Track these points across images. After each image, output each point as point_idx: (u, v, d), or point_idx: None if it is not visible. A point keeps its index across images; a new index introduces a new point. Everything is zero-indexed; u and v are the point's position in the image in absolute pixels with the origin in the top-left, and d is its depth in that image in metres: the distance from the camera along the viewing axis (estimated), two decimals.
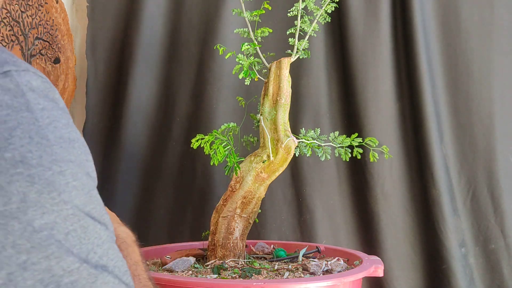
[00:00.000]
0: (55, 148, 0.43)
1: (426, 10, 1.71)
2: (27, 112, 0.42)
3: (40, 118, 0.43)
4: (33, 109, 0.43)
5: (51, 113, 0.44)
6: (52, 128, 0.43)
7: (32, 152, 0.41)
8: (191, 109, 1.76)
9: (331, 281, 1.11)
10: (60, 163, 0.43)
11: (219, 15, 1.73)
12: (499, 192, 1.69)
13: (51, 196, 0.42)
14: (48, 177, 0.42)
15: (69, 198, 0.43)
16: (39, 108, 0.43)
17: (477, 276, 1.69)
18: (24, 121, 0.42)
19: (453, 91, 1.72)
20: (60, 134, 0.44)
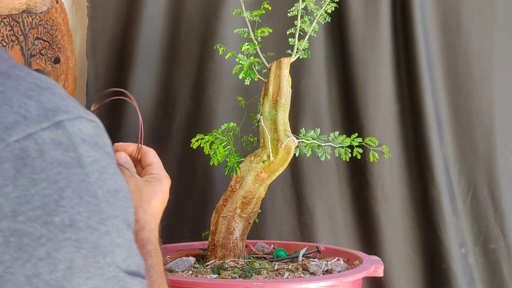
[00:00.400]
0: (102, 205, 0.41)
1: (426, 10, 1.71)
2: (78, 168, 0.40)
3: (90, 173, 0.41)
4: (84, 164, 0.40)
5: (100, 165, 0.42)
6: (101, 182, 0.42)
7: (81, 214, 0.39)
8: (191, 109, 1.76)
9: (331, 281, 1.11)
10: (106, 221, 0.41)
11: (219, 15, 1.73)
12: (499, 192, 1.69)
13: (96, 260, 0.40)
14: (95, 240, 0.40)
15: (112, 260, 0.42)
16: (90, 161, 0.41)
17: (477, 276, 1.69)
18: (74, 178, 0.40)
19: (453, 91, 1.72)
20: (108, 187, 0.42)
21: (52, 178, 0.38)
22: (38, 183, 0.38)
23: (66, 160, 0.39)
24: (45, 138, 0.39)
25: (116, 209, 0.42)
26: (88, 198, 0.40)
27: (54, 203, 0.38)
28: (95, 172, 0.41)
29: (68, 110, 0.41)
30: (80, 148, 0.40)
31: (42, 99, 0.40)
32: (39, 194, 0.38)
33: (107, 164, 0.43)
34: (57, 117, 0.40)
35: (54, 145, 0.39)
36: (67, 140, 0.40)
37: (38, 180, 0.38)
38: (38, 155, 0.38)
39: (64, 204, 0.39)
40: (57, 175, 0.39)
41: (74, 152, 0.40)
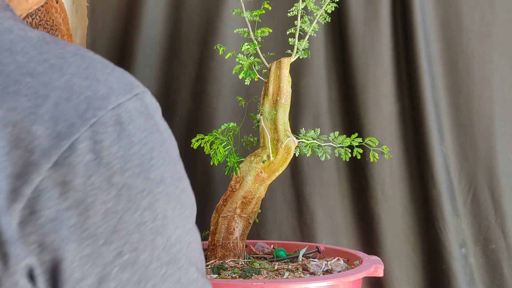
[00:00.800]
0: (178, 166, 0.47)
1: (426, 10, 1.71)
2: (157, 133, 0.45)
3: (166, 138, 0.47)
4: (160, 130, 0.46)
5: (169, 133, 0.48)
6: (173, 148, 0.48)
7: (166, 172, 0.45)
8: (191, 109, 1.76)
9: (331, 281, 1.11)
10: (182, 180, 0.48)
11: (219, 15, 1.73)
12: (499, 192, 1.69)
13: (180, 212, 0.46)
14: (178, 195, 0.46)
15: (190, 213, 0.48)
16: (163, 128, 0.47)
17: (477, 276, 1.69)
18: (157, 142, 0.45)
19: (453, 91, 1.72)
20: (176, 152, 0.48)
21: (143, 140, 0.44)
22: (135, 145, 0.43)
23: (148, 126, 0.45)
24: (131, 107, 0.44)
25: (184, 171, 0.49)
26: (168, 160, 0.46)
27: (148, 161, 0.44)
28: (168, 138, 0.47)
29: (138, 85, 0.47)
30: (155, 116, 0.46)
31: (117, 75, 0.46)
32: (137, 154, 0.43)
33: (171, 133, 0.49)
34: (134, 90, 0.45)
35: (138, 114, 0.44)
36: (145, 110, 0.45)
37: (134, 142, 0.43)
38: (130, 121, 0.43)
39: (154, 163, 0.44)
40: (145, 138, 0.44)
41: (152, 120, 0.45)
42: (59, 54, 0.44)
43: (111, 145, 0.42)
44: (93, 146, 0.41)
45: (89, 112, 0.42)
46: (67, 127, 0.41)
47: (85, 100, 0.42)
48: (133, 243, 0.42)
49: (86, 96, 0.42)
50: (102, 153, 0.41)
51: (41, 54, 0.43)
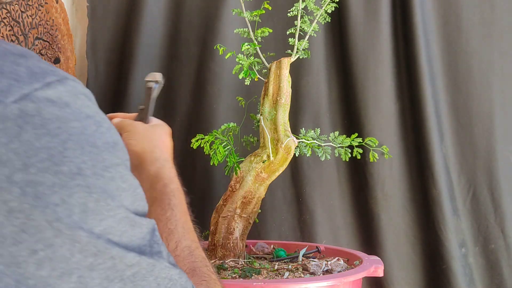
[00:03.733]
0: (104, 154, 0.45)
1: (426, 10, 1.71)
2: (75, 121, 0.43)
3: (87, 126, 0.44)
4: (80, 118, 0.44)
5: (95, 120, 0.45)
6: (99, 134, 0.45)
7: (86, 163, 0.43)
8: (191, 109, 1.76)
9: (331, 281, 1.11)
10: (110, 168, 0.45)
11: (219, 15, 1.73)
12: (499, 192, 1.69)
13: (106, 203, 0.44)
14: (102, 185, 0.44)
15: (120, 202, 0.45)
16: (84, 116, 0.44)
17: (477, 276, 1.69)
18: (74, 131, 0.43)
19: (453, 91, 1.72)
20: (106, 139, 0.45)
21: (53, 132, 0.42)
22: (41, 137, 0.41)
23: (63, 116, 0.42)
24: (40, 97, 0.42)
25: (117, 158, 0.46)
26: (89, 148, 0.43)
27: (59, 154, 0.42)
28: (92, 125, 0.44)
29: (55, 73, 0.44)
30: (73, 104, 0.44)
31: (30, 64, 0.43)
32: (44, 147, 0.41)
33: (101, 119, 0.46)
34: (46, 79, 0.43)
35: (49, 103, 0.42)
36: (59, 99, 0.43)
37: (41, 134, 0.41)
38: (36, 113, 0.41)
39: (68, 155, 0.42)
40: (57, 129, 0.42)
41: (69, 108, 0.43)
42: None
43: (9, 142, 0.40)
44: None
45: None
46: None
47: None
48: (47, 239, 0.41)
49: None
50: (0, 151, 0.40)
51: None
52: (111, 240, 0.44)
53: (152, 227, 0.49)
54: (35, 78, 0.43)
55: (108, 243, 0.43)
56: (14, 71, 0.42)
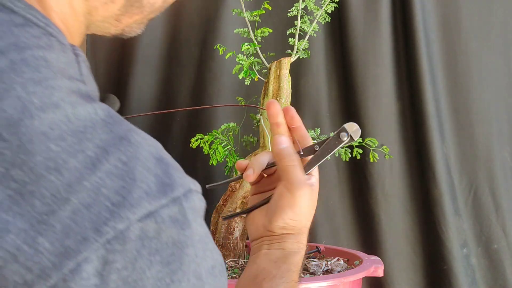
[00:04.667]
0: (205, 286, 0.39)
1: (426, 10, 1.71)
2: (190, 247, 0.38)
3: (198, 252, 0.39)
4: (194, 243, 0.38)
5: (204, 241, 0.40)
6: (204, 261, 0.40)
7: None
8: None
9: (331, 281, 1.11)
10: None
11: (219, 15, 1.73)
12: (500, 191, 1.69)
13: None
14: None
15: None
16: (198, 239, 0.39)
17: (480, 277, 1.68)
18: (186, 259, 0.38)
19: (453, 91, 1.72)
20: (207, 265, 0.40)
21: (165, 260, 0.37)
22: (154, 266, 0.36)
23: (180, 239, 0.38)
24: (163, 217, 0.37)
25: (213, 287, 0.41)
26: (194, 281, 0.38)
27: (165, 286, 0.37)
28: (201, 250, 0.39)
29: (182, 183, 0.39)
30: (193, 225, 0.39)
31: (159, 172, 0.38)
32: (153, 278, 0.36)
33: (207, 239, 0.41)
34: (174, 192, 0.38)
35: (171, 223, 0.37)
36: (182, 218, 0.38)
37: (154, 262, 0.36)
38: (156, 235, 0.36)
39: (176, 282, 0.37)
40: (170, 256, 0.37)
41: (189, 230, 0.38)
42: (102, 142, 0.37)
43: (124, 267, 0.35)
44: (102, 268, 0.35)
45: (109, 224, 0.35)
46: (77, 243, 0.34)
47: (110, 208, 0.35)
48: None
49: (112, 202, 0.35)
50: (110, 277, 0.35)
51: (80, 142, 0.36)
52: None
53: None
54: (163, 191, 0.37)
55: None
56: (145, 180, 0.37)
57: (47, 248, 0.34)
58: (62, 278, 0.34)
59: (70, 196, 0.35)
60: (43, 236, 0.34)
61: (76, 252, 0.34)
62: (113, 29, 0.53)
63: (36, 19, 0.41)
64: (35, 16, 0.41)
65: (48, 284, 0.34)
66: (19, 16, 0.41)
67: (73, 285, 0.34)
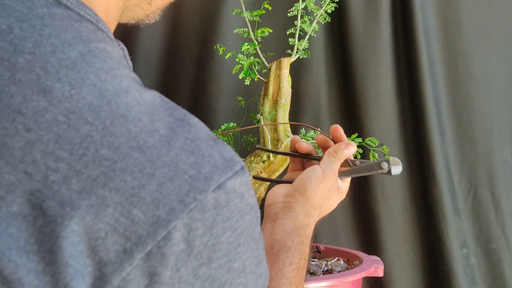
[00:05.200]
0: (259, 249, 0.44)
1: (427, 10, 1.71)
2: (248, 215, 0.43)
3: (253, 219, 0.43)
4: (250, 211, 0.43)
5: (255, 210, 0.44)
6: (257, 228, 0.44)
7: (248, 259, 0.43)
8: (191, 109, 1.75)
9: (331, 281, 1.11)
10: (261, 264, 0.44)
11: (219, 15, 1.73)
12: (499, 192, 1.69)
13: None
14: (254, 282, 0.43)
15: None
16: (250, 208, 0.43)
17: (479, 276, 1.68)
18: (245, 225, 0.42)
19: (453, 91, 1.72)
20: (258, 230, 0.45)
21: (234, 226, 0.41)
22: (226, 231, 0.41)
23: (242, 208, 0.42)
24: (230, 188, 0.41)
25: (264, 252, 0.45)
26: (252, 244, 0.43)
27: (234, 250, 0.41)
28: (254, 218, 0.44)
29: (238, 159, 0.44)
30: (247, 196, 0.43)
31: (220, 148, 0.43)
32: (226, 242, 0.41)
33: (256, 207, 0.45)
34: (235, 166, 0.42)
35: (235, 194, 0.41)
36: (242, 189, 0.42)
37: (226, 228, 0.41)
38: (226, 204, 0.41)
39: (240, 251, 0.42)
40: (236, 223, 0.41)
41: (245, 200, 0.42)
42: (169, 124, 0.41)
43: (204, 233, 0.40)
44: (188, 234, 0.39)
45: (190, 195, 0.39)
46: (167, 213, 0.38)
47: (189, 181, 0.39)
48: None
49: (190, 175, 0.40)
50: (194, 243, 0.39)
51: (153, 123, 0.41)
52: None
53: None
54: (227, 165, 0.42)
55: None
56: (212, 155, 0.42)
57: (142, 218, 0.38)
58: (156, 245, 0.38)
59: (154, 171, 0.39)
60: (137, 208, 0.38)
61: (166, 221, 0.38)
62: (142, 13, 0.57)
63: (88, 16, 0.45)
64: (87, 13, 0.45)
65: (145, 250, 0.38)
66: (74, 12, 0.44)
67: (165, 250, 0.38)
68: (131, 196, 0.38)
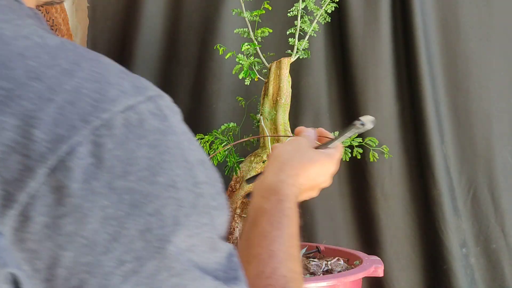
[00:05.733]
0: (195, 170, 0.44)
1: (426, 11, 1.71)
2: (172, 135, 0.44)
3: (182, 141, 0.45)
4: (176, 132, 0.44)
5: (188, 136, 0.46)
6: (191, 151, 0.45)
7: (179, 176, 0.43)
8: (191, 109, 1.76)
9: (331, 281, 1.11)
10: (199, 185, 0.44)
11: (219, 15, 1.73)
12: (499, 191, 1.69)
13: (194, 219, 0.43)
14: (192, 200, 0.43)
15: (209, 221, 0.44)
16: (180, 131, 0.45)
17: (479, 276, 1.68)
18: (170, 144, 0.43)
19: (453, 91, 1.73)
20: (197, 156, 0.45)
21: (153, 143, 0.42)
22: (142, 147, 0.41)
23: (162, 128, 0.43)
24: (143, 110, 0.42)
25: (206, 176, 0.45)
26: (183, 163, 0.43)
27: (156, 165, 0.42)
28: (185, 141, 0.45)
29: (154, 88, 0.45)
30: (171, 119, 0.44)
31: (132, 79, 0.44)
32: (144, 157, 0.41)
33: (192, 137, 0.47)
34: (148, 92, 0.44)
35: (150, 115, 0.43)
36: (160, 112, 0.44)
37: (142, 144, 0.41)
38: (139, 123, 0.42)
39: (164, 166, 0.42)
40: (156, 141, 0.42)
41: (167, 121, 0.44)
42: (74, 60, 0.43)
43: (114, 148, 0.40)
44: (95, 149, 0.40)
45: (94, 114, 0.40)
46: (68, 130, 0.39)
47: (92, 103, 0.41)
48: (136, 251, 0.40)
49: (93, 98, 0.41)
50: (104, 156, 0.40)
51: (54, 59, 0.42)
52: (192, 260, 0.42)
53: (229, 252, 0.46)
54: (138, 91, 0.43)
55: (190, 263, 0.42)
56: (120, 83, 0.43)
57: (42, 137, 0.39)
58: (59, 159, 0.39)
59: (53, 96, 0.40)
60: (36, 128, 0.39)
61: (67, 137, 0.39)
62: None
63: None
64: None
65: (47, 165, 0.39)
66: None
67: (70, 164, 0.39)
68: (30, 118, 0.39)
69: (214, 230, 0.44)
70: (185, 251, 0.42)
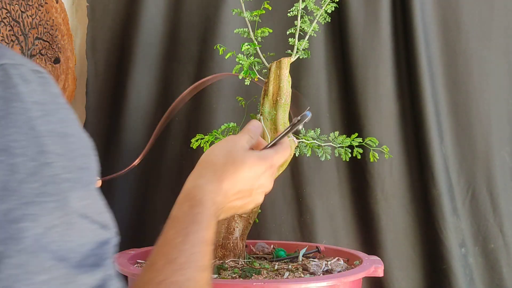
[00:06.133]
0: (44, 139, 0.43)
1: (426, 10, 1.71)
2: (17, 102, 0.43)
3: (31, 109, 0.44)
4: (24, 100, 0.44)
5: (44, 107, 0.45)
6: (43, 121, 0.44)
7: (17, 141, 0.42)
8: (191, 109, 1.76)
9: (331, 281, 1.11)
10: (48, 154, 0.43)
11: (219, 15, 1.73)
12: (497, 192, 1.69)
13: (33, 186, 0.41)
14: (32, 167, 0.42)
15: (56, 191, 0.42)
16: (32, 100, 0.44)
17: (477, 276, 1.69)
18: (14, 111, 0.43)
19: (453, 91, 1.73)
20: (52, 127, 0.44)
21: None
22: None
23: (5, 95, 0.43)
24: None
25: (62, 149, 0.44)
26: (27, 130, 0.43)
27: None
28: (37, 111, 0.44)
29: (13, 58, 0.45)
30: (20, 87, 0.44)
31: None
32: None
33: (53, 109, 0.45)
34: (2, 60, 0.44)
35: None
36: (7, 80, 0.44)
37: None
38: None
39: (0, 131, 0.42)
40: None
41: (14, 89, 0.44)
42: None
43: None
44: None
45: None
46: None
47: None
48: None
49: None
50: None
51: None
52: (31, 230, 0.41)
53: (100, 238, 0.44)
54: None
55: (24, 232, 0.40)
56: None
57: None
58: None
59: None
60: None
61: None
62: None
63: None
64: None
65: None
66: None
67: None
68: None
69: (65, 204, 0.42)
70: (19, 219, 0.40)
